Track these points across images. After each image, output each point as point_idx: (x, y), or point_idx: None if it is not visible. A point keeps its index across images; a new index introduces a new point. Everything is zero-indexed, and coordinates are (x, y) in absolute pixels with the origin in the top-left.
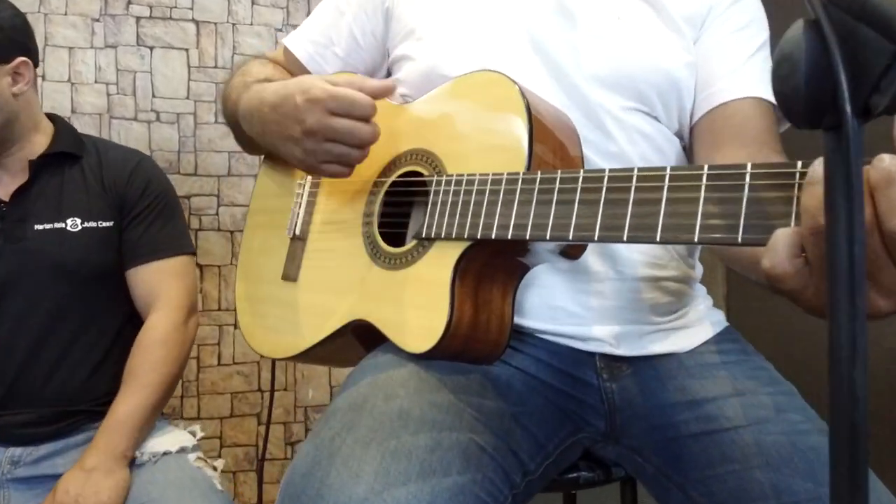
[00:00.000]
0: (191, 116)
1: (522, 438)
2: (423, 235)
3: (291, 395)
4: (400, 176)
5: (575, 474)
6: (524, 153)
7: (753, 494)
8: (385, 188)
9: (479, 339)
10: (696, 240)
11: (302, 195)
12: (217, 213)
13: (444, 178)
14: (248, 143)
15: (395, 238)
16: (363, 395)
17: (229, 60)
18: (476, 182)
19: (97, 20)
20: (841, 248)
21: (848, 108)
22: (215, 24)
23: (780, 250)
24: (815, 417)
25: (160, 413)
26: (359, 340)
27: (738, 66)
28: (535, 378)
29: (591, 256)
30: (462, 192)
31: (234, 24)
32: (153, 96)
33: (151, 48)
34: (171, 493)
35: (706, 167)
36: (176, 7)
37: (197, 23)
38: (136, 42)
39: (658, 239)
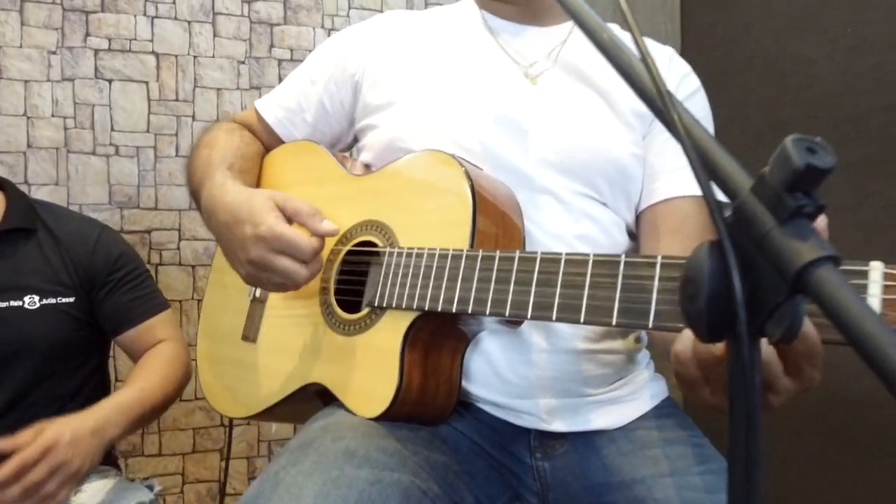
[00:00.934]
0: (151, 150)
1: (465, 493)
2: (376, 304)
3: (255, 430)
4: (355, 245)
5: None
6: (468, 231)
7: None
8: (341, 256)
9: (428, 404)
10: (613, 323)
11: None
12: (178, 248)
13: (396, 249)
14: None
15: (351, 304)
16: (312, 436)
17: (191, 93)
18: (424, 256)
19: (54, 52)
20: (739, 427)
21: (745, 335)
22: (176, 56)
23: (688, 342)
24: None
25: (148, 420)
26: (319, 397)
27: (682, 164)
28: (477, 444)
29: (530, 328)
30: (412, 265)
31: (195, 57)
32: (112, 130)
33: (110, 81)
34: None
35: (623, 256)
36: (135, 39)
37: (157, 55)
38: (94, 75)
39: (582, 321)
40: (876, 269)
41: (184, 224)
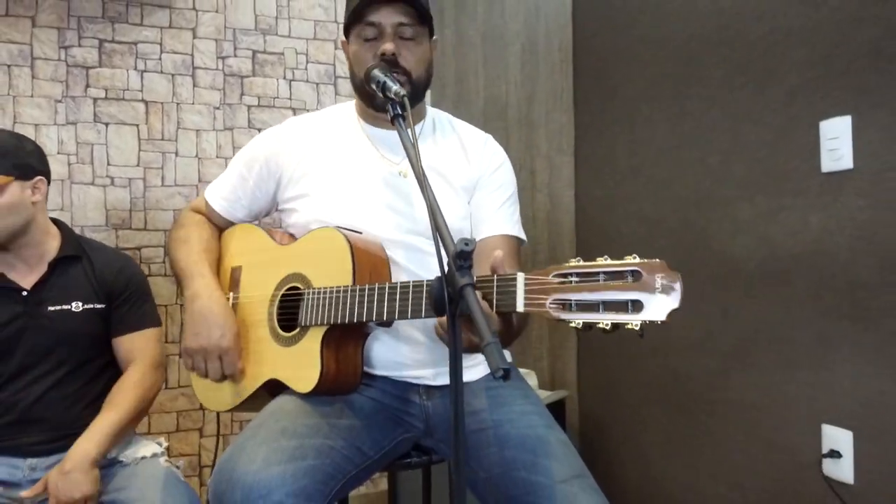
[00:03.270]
0: (141, 181)
1: (366, 439)
2: (303, 324)
3: (228, 414)
4: (287, 289)
5: (408, 459)
6: (350, 275)
7: (504, 463)
8: (278, 298)
9: (341, 381)
10: (423, 316)
11: (230, 301)
12: (164, 262)
13: (312, 290)
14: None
15: (288, 326)
16: (263, 420)
17: (174, 133)
18: (328, 292)
19: (59, 101)
20: (455, 345)
21: (449, 312)
22: (162, 103)
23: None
24: (546, 416)
25: (128, 433)
26: (269, 393)
27: (491, 214)
28: (380, 402)
29: (414, 330)
30: (322, 298)
31: (178, 104)
32: (108, 164)
33: (107, 124)
34: (150, 483)
35: (425, 281)
36: (128, 90)
37: (146, 102)
38: (93, 119)
39: (409, 317)
40: (520, 276)
41: (169, 242)
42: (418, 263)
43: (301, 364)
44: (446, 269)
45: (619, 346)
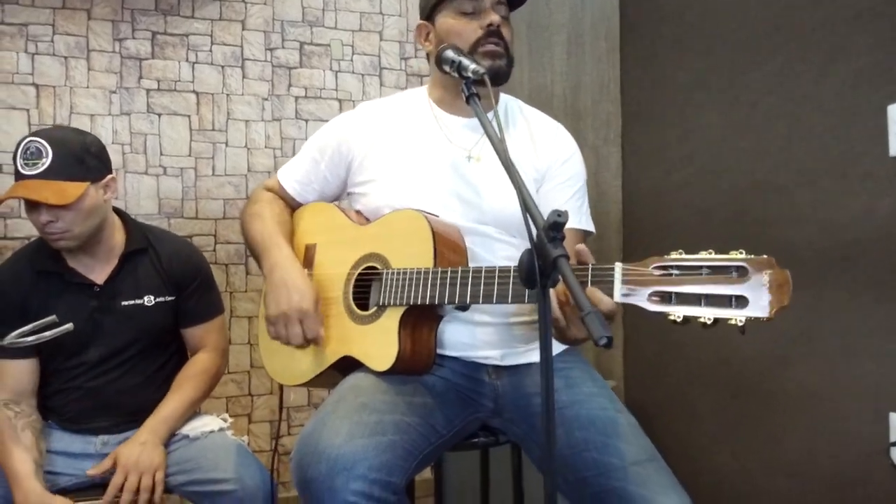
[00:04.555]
0: (192, 171)
1: (438, 417)
2: (381, 304)
3: (276, 399)
4: (364, 269)
5: (476, 440)
6: (431, 258)
7: (574, 444)
8: (354, 277)
9: (416, 361)
10: (509, 301)
11: None
12: (214, 250)
13: (391, 270)
14: (256, 258)
15: (363, 306)
16: (342, 394)
17: (224, 124)
18: (408, 273)
19: (114, 92)
20: (545, 324)
21: (539, 285)
22: (212, 94)
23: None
24: (615, 401)
25: (191, 412)
26: (340, 371)
27: (561, 205)
28: (450, 381)
29: (479, 313)
30: (401, 279)
31: (227, 95)
32: (161, 154)
33: (159, 115)
34: (222, 455)
35: (512, 266)
36: (179, 81)
37: (197, 93)
38: (146, 110)
39: (494, 301)
40: (618, 266)
41: (219, 231)
42: (486, 249)
43: (378, 343)
44: (536, 239)
45: (667, 333)
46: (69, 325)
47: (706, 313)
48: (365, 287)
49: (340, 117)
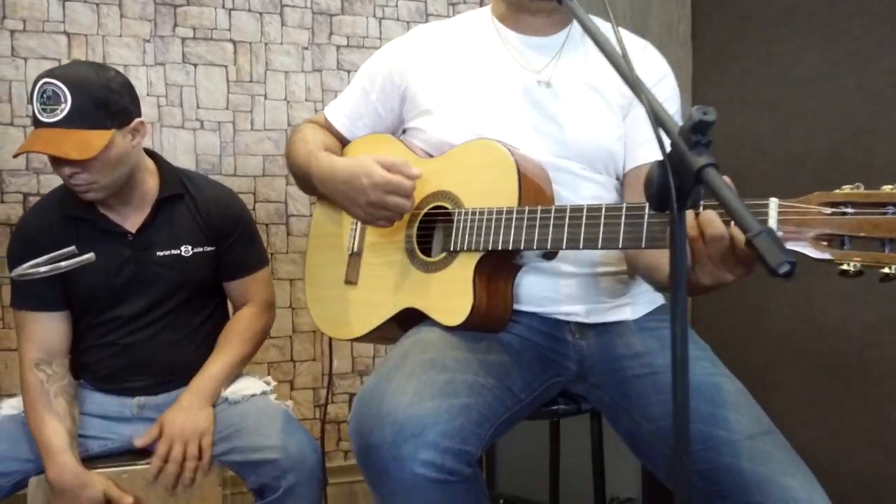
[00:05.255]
0: (230, 125)
1: (516, 379)
2: (452, 249)
3: (319, 365)
4: (430, 209)
5: (555, 407)
6: (516, 194)
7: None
8: (419, 219)
9: (491, 316)
10: (620, 246)
11: (356, 225)
12: (254, 209)
13: (464, 210)
14: (308, 190)
15: (425, 251)
16: (407, 349)
17: (263, 76)
18: (485, 213)
19: (148, 41)
20: (679, 261)
21: (675, 206)
22: (250, 43)
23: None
24: (719, 365)
25: (237, 373)
26: (399, 325)
27: (651, 136)
28: (528, 340)
29: (564, 263)
30: (477, 220)
31: (266, 44)
32: (197, 107)
33: (195, 65)
34: (265, 420)
35: (625, 204)
36: (216, 29)
37: (234, 42)
38: (181, 60)
39: (599, 246)
40: (773, 202)
41: (258, 188)
42: (570, 188)
43: (448, 294)
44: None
45: (744, 297)
46: (90, 255)
47: (892, 261)
48: (428, 231)
49: (392, 42)
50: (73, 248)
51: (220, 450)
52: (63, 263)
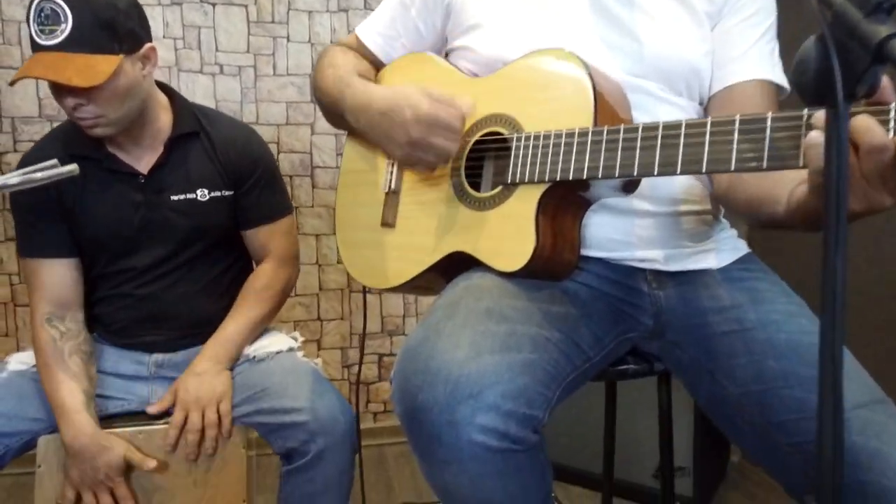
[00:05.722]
0: (251, 69)
1: (584, 334)
2: (509, 181)
3: (347, 325)
4: (482, 135)
5: (625, 366)
6: (591, 113)
7: (767, 378)
8: (468, 148)
9: (556, 261)
10: (732, 168)
11: (393, 160)
12: (277, 159)
13: (524, 134)
14: (338, 123)
15: (475, 186)
16: (458, 297)
17: (285, 16)
18: (552, 137)
19: None
20: (832, 175)
21: (840, 97)
22: None
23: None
24: (818, 323)
25: (258, 333)
26: (443, 274)
27: (745, 51)
28: (597, 289)
29: (639, 199)
30: (541, 146)
31: None
32: (216, 50)
33: (214, 5)
34: (292, 379)
35: (738, 116)
36: None
37: None
38: None
39: (704, 170)
40: None
41: (282, 138)
42: (646, 111)
43: (504, 234)
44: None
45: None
46: (73, 167)
47: None
48: (478, 163)
49: None
50: (54, 160)
51: (243, 412)
52: (38, 175)
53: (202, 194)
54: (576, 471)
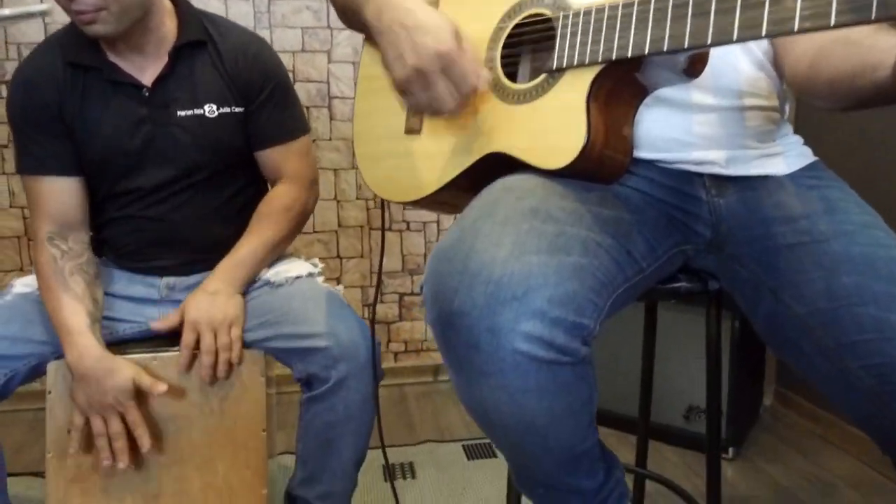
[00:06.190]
0: None
1: (637, 241)
2: (554, 68)
3: (367, 263)
4: (522, 19)
5: (677, 284)
6: None
7: (839, 295)
8: (505, 35)
9: (607, 157)
10: (832, 24)
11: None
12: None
13: (572, 12)
14: (351, 20)
15: (513, 77)
16: (496, 196)
17: None
18: (607, 9)
19: None
20: None
21: None
22: None
23: None
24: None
25: (276, 256)
26: (473, 185)
27: None
28: (650, 195)
29: (698, 91)
30: (593, 21)
31: None
32: None
33: None
34: (310, 304)
35: None
36: None
37: None
38: None
39: (796, 29)
40: None
41: (297, 66)
42: None
43: (549, 127)
44: None
45: None
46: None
47: None
48: (514, 54)
49: None
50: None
51: (261, 336)
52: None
53: (210, 110)
54: (602, 411)
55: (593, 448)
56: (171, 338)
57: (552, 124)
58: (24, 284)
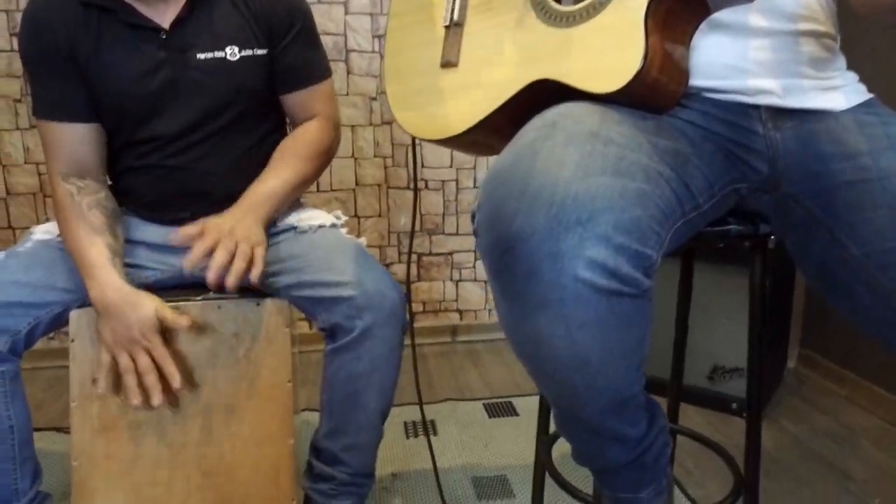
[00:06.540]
0: None
1: (695, 175)
2: None
3: (385, 222)
4: None
5: (728, 227)
6: None
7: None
8: None
9: (662, 82)
10: None
11: None
12: None
13: None
14: None
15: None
16: (553, 119)
17: None
18: None
19: None
20: None
21: None
22: None
23: None
24: None
25: (300, 194)
26: (514, 120)
27: None
28: (705, 128)
29: (753, 14)
30: None
31: None
32: None
33: None
34: (334, 253)
35: None
36: None
37: None
38: None
39: None
40: None
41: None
42: None
43: (603, 48)
44: None
45: None
46: None
47: None
48: None
49: None
50: None
51: (285, 282)
52: None
53: (232, 53)
54: None
55: (639, 395)
56: (196, 287)
57: (605, 44)
58: (45, 231)
